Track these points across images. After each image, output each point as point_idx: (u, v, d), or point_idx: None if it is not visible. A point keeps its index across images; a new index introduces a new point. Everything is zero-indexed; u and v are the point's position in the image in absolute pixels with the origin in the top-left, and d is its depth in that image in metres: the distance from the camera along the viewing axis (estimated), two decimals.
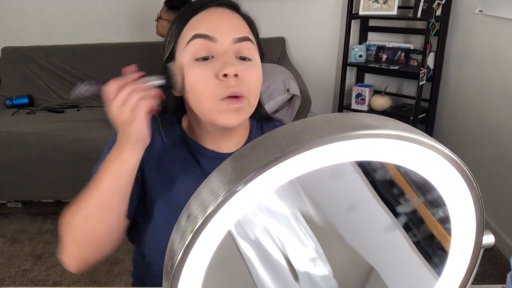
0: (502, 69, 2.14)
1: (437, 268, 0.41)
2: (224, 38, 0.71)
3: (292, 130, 0.32)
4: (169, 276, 0.32)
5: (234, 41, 0.72)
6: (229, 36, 0.72)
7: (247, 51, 0.73)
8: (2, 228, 2.41)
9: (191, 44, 0.72)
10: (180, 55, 0.75)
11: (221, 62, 0.70)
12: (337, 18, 3.05)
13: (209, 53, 0.71)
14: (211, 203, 0.30)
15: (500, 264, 2.04)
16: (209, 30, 0.71)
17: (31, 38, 2.98)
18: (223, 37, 0.71)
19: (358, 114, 0.34)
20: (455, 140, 2.67)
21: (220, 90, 0.70)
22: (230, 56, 0.71)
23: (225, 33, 0.72)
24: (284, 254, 0.40)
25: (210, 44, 0.71)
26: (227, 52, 0.71)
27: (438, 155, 0.34)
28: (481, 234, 0.39)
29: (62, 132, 2.40)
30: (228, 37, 0.72)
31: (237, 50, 0.72)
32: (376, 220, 0.41)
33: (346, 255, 0.43)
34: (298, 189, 0.36)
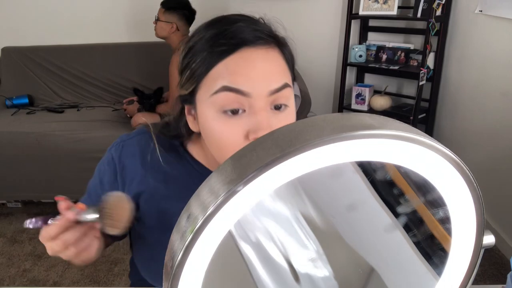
0: (502, 69, 2.14)
1: (437, 268, 0.41)
2: (259, 92, 0.60)
3: (292, 130, 0.32)
4: (169, 276, 0.32)
5: (271, 93, 0.61)
6: (265, 88, 0.60)
7: (284, 98, 0.63)
8: (2, 228, 2.41)
9: (219, 95, 0.61)
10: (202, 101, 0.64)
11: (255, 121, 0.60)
12: (337, 18, 3.05)
13: (241, 106, 0.61)
14: (211, 203, 0.30)
15: (500, 264, 2.04)
16: (241, 83, 0.60)
17: (31, 38, 2.98)
18: (258, 90, 0.60)
19: (358, 114, 0.34)
20: (455, 140, 2.67)
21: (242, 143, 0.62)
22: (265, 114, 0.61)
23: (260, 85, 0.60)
24: (285, 255, 0.40)
25: (242, 98, 0.60)
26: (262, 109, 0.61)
27: (438, 155, 0.34)
28: (481, 234, 0.39)
29: (62, 132, 2.40)
30: (264, 90, 0.60)
31: (273, 100, 0.62)
32: (376, 221, 0.41)
33: (347, 255, 0.43)
34: (298, 189, 0.36)
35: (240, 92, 0.60)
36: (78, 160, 2.35)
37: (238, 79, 0.60)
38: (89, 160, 2.33)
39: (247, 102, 0.61)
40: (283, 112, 0.63)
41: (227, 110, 0.61)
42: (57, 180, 2.42)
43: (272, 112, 0.62)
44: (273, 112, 0.62)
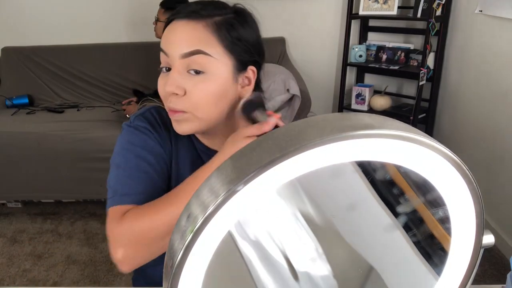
0: (502, 69, 2.14)
1: (437, 268, 0.41)
2: (173, 53, 0.74)
3: (292, 130, 0.32)
4: (169, 276, 0.32)
5: (183, 56, 0.73)
6: (177, 51, 0.73)
7: (198, 64, 0.73)
8: (2, 228, 2.41)
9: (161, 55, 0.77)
10: None
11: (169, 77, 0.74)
12: (337, 18, 3.05)
13: (167, 65, 0.76)
14: (211, 203, 0.30)
15: (500, 264, 2.04)
16: (164, 45, 0.75)
17: (31, 38, 2.98)
18: (172, 52, 0.74)
19: (358, 114, 0.34)
20: (455, 140, 2.67)
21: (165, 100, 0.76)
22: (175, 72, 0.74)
23: (174, 48, 0.74)
24: (284, 254, 0.40)
25: (166, 58, 0.75)
26: (175, 68, 0.74)
27: (438, 155, 0.34)
28: (481, 234, 0.39)
29: (62, 132, 2.40)
30: (176, 52, 0.73)
31: (188, 64, 0.73)
32: (376, 220, 0.41)
33: (346, 255, 0.43)
34: (298, 189, 0.36)
35: (163, 52, 0.75)
36: (78, 160, 2.35)
37: (164, 42, 0.76)
38: (89, 160, 2.33)
39: (170, 61, 0.75)
40: (199, 77, 0.74)
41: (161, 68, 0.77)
42: (57, 180, 2.42)
43: (188, 75, 0.74)
44: (188, 75, 0.74)
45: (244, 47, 0.77)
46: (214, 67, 0.74)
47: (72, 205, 2.53)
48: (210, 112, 0.76)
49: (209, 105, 0.75)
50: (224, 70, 0.75)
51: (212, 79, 0.74)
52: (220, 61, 0.74)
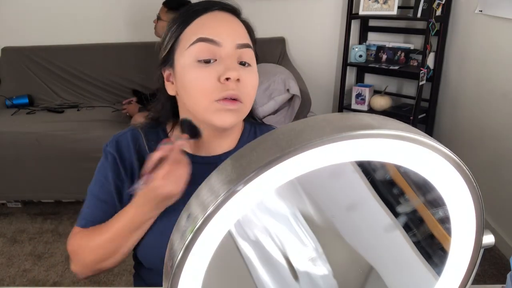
0: (502, 69, 2.14)
1: (437, 268, 0.41)
2: (228, 43, 0.73)
3: (292, 130, 0.32)
4: (169, 276, 0.32)
5: (237, 46, 0.74)
6: (233, 41, 0.74)
7: (248, 57, 0.76)
8: (2, 228, 2.41)
9: (195, 46, 0.73)
10: (180, 55, 0.76)
11: (224, 66, 0.72)
12: (337, 18, 3.05)
13: (213, 56, 0.73)
14: (211, 203, 0.30)
15: (500, 264, 2.04)
16: (213, 35, 0.73)
17: (31, 38, 2.98)
18: (227, 42, 0.73)
19: (358, 114, 0.34)
20: (455, 140, 2.67)
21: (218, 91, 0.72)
22: (233, 61, 0.73)
23: (229, 38, 0.74)
24: (284, 253, 0.40)
25: (213, 48, 0.73)
26: (230, 57, 0.73)
27: (438, 155, 0.34)
28: (481, 234, 0.39)
29: (62, 132, 2.40)
30: (231, 42, 0.74)
31: (239, 55, 0.74)
32: (376, 220, 0.41)
33: (346, 254, 0.43)
34: (298, 189, 0.36)
35: (212, 42, 0.73)
36: (78, 160, 2.35)
37: (211, 31, 0.73)
38: (89, 160, 2.33)
39: (218, 51, 0.73)
40: (248, 68, 0.75)
41: (201, 60, 0.73)
42: (57, 180, 2.42)
43: (239, 65, 0.74)
44: (239, 65, 0.74)
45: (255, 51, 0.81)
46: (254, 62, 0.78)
47: (72, 205, 2.53)
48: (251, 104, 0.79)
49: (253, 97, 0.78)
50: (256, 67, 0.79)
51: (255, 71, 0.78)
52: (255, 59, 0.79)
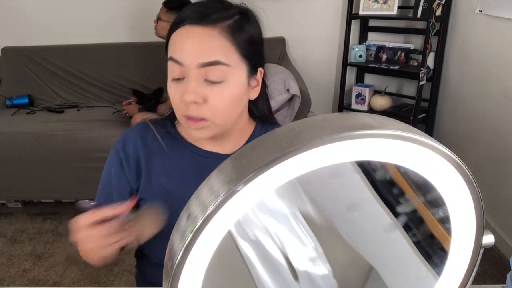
0: (502, 69, 2.14)
1: (437, 268, 0.41)
2: (190, 63, 0.72)
3: (292, 130, 0.32)
4: (169, 276, 0.32)
5: (200, 65, 0.72)
6: (194, 61, 0.72)
7: (215, 75, 0.73)
8: (2, 228, 2.41)
9: (169, 64, 0.75)
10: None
11: (186, 86, 0.73)
12: (337, 18, 3.05)
13: (181, 75, 0.74)
14: (211, 203, 0.30)
15: (500, 264, 2.04)
16: (178, 55, 0.73)
17: (31, 38, 2.98)
18: (189, 62, 0.72)
19: (358, 114, 0.34)
20: (455, 140, 2.67)
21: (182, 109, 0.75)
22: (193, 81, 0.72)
23: (190, 58, 0.72)
24: (284, 253, 0.40)
25: (180, 67, 0.73)
26: (193, 77, 0.72)
27: (438, 155, 0.34)
28: (481, 234, 0.39)
29: (62, 132, 2.40)
30: (193, 62, 0.72)
31: (205, 74, 0.73)
32: (376, 220, 0.41)
33: (346, 254, 0.43)
34: (298, 189, 0.36)
35: (177, 62, 0.73)
36: (78, 160, 2.35)
37: (176, 51, 0.73)
38: (89, 160, 2.33)
39: (183, 70, 0.73)
40: (218, 86, 0.73)
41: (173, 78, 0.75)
42: (57, 180, 2.42)
43: (205, 83, 0.73)
44: (206, 83, 0.73)
45: (255, 49, 0.78)
46: (232, 75, 0.74)
47: (72, 205, 2.53)
48: (228, 118, 0.78)
49: (228, 112, 0.76)
50: (240, 77, 0.76)
51: (230, 87, 0.74)
52: (237, 69, 0.75)
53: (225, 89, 0.74)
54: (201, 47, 0.72)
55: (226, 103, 0.75)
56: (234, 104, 0.76)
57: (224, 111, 0.75)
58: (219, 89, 0.73)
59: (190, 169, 0.84)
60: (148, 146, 0.85)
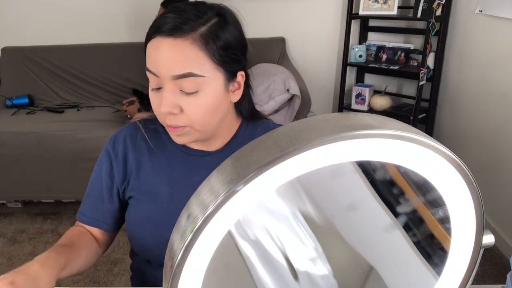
0: (502, 69, 2.14)
1: (437, 268, 0.41)
2: (163, 75, 0.73)
3: (292, 130, 0.32)
4: (169, 276, 0.32)
5: (174, 77, 0.72)
6: (167, 73, 0.72)
7: (189, 86, 0.73)
8: (2, 228, 2.41)
9: (147, 74, 0.76)
10: None
11: (162, 97, 0.74)
12: (337, 18, 3.05)
13: (158, 85, 0.75)
14: (211, 203, 0.30)
15: (500, 264, 2.04)
16: (152, 66, 0.74)
17: (31, 38, 2.98)
18: (163, 74, 0.73)
19: (358, 114, 0.34)
20: (455, 140, 2.67)
21: (162, 118, 0.77)
22: (168, 93, 0.73)
23: (164, 70, 0.72)
24: (284, 253, 0.40)
25: (156, 78, 0.74)
26: (167, 89, 0.73)
27: (438, 155, 0.34)
28: (481, 234, 0.39)
29: (62, 132, 2.40)
30: (166, 74, 0.72)
31: (180, 85, 0.73)
32: (376, 220, 0.41)
33: (346, 254, 0.43)
34: (298, 189, 0.36)
35: (153, 73, 0.74)
36: (78, 160, 2.35)
37: (151, 63, 0.74)
38: (89, 160, 2.33)
39: (159, 81, 0.74)
40: (193, 96, 0.74)
41: (152, 88, 0.76)
42: (57, 180, 2.42)
43: (180, 93, 0.74)
44: (181, 93, 0.74)
45: (232, 55, 0.76)
46: (207, 85, 0.74)
47: (72, 205, 2.53)
48: (207, 124, 0.78)
49: (206, 118, 0.77)
50: (217, 85, 0.75)
51: (205, 95, 0.74)
52: (212, 78, 0.74)
53: (200, 99, 0.74)
54: (173, 59, 0.72)
55: (202, 112, 0.75)
56: (212, 112, 0.77)
57: (201, 119, 0.76)
58: (194, 99, 0.74)
59: (178, 168, 0.86)
60: (138, 146, 0.87)
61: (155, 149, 0.86)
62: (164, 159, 0.86)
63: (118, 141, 0.88)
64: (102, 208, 0.89)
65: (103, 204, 0.88)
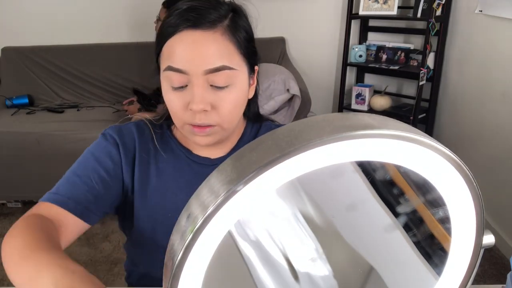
0: (502, 69, 2.14)
1: (437, 268, 0.41)
2: (195, 71, 0.69)
3: (292, 130, 0.32)
4: (169, 276, 0.32)
5: (206, 72, 0.69)
6: (199, 68, 0.69)
7: (222, 80, 0.70)
8: (2, 228, 2.41)
9: (166, 73, 0.71)
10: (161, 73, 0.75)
11: (191, 94, 0.70)
12: (337, 18, 3.05)
13: (183, 83, 0.71)
14: (211, 203, 0.30)
15: (500, 264, 2.04)
16: (180, 63, 0.69)
17: (31, 38, 2.98)
18: (193, 70, 0.69)
19: (358, 114, 0.34)
20: (455, 140, 2.67)
21: (188, 117, 0.72)
22: (200, 89, 0.69)
23: (195, 65, 0.69)
24: (284, 254, 0.40)
25: (182, 76, 0.70)
26: (199, 84, 0.69)
27: (438, 155, 0.34)
28: (481, 234, 0.39)
29: (62, 132, 2.40)
30: (198, 69, 0.69)
31: (211, 80, 0.70)
32: (376, 220, 0.41)
33: (346, 255, 0.43)
34: (298, 189, 0.36)
35: (179, 71, 0.69)
36: None
37: (177, 60, 0.69)
38: None
39: (187, 78, 0.70)
40: (224, 91, 0.71)
41: (173, 87, 0.72)
42: (57, 180, 2.41)
43: (211, 89, 0.71)
44: (212, 89, 0.71)
45: (252, 48, 0.76)
46: (237, 78, 0.72)
47: None
48: (234, 121, 0.76)
49: (234, 115, 0.75)
50: (244, 78, 0.74)
51: (236, 90, 0.73)
52: (240, 71, 0.73)
53: (232, 93, 0.72)
54: (205, 53, 0.69)
55: (233, 107, 0.73)
56: (240, 107, 0.76)
57: (231, 115, 0.74)
58: (226, 94, 0.71)
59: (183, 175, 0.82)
60: (145, 144, 0.82)
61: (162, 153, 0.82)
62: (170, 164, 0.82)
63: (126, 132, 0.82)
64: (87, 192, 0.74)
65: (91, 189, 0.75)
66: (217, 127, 0.73)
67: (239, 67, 0.72)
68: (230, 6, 0.75)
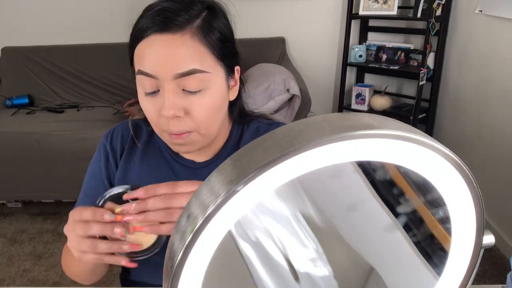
0: (502, 69, 2.14)
1: (437, 268, 0.41)
2: (165, 76, 0.67)
3: (292, 130, 0.32)
4: (169, 276, 0.32)
5: (176, 77, 0.67)
6: (168, 73, 0.66)
7: (193, 84, 0.68)
8: (2, 228, 2.41)
9: (138, 77, 0.70)
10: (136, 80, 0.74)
11: (162, 100, 0.68)
12: (337, 18, 3.05)
13: (155, 88, 0.69)
14: (211, 203, 0.30)
15: (500, 264, 2.04)
16: (149, 68, 0.67)
17: (31, 38, 2.98)
18: (163, 74, 0.67)
19: (358, 114, 0.34)
20: (455, 140, 2.67)
21: (163, 124, 0.70)
22: (171, 94, 0.67)
23: (163, 70, 0.66)
24: (284, 254, 0.40)
25: (153, 81, 0.68)
26: (168, 90, 0.67)
27: (438, 155, 0.34)
28: (481, 234, 0.39)
29: (62, 132, 2.40)
30: (167, 74, 0.66)
31: (182, 84, 0.68)
32: (376, 220, 0.41)
33: (347, 255, 0.43)
34: (298, 189, 0.36)
35: (149, 75, 0.68)
36: (78, 160, 2.35)
37: (147, 64, 0.67)
38: (89, 160, 2.32)
39: (158, 83, 0.68)
40: (197, 95, 0.69)
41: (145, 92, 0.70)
42: (57, 180, 2.42)
43: (183, 94, 0.68)
44: (184, 94, 0.68)
45: (229, 48, 0.73)
46: (211, 81, 0.69)
47: (72, 205, 2.52)
48: (212, 126, 0.73)
49: (212, 119, 0.72)
50: (219, 81, 0.71)
51: (210, 93, 0.70)
52: (215, 74, 0.70)
53: (206, 97, 0.69)
54: (174, 57, 0.66)
55: (208, 111, 0.70)
56: (217, 111, 0.72)
57: (207, 120, 0.71)
58: (200, 99, 0.69)
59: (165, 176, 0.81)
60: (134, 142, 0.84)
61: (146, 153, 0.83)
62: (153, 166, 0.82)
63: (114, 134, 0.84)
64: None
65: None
66: (194, 133, 0.71)
67: (212, 70, 0.69)
68: (205, 5, 0.72)
